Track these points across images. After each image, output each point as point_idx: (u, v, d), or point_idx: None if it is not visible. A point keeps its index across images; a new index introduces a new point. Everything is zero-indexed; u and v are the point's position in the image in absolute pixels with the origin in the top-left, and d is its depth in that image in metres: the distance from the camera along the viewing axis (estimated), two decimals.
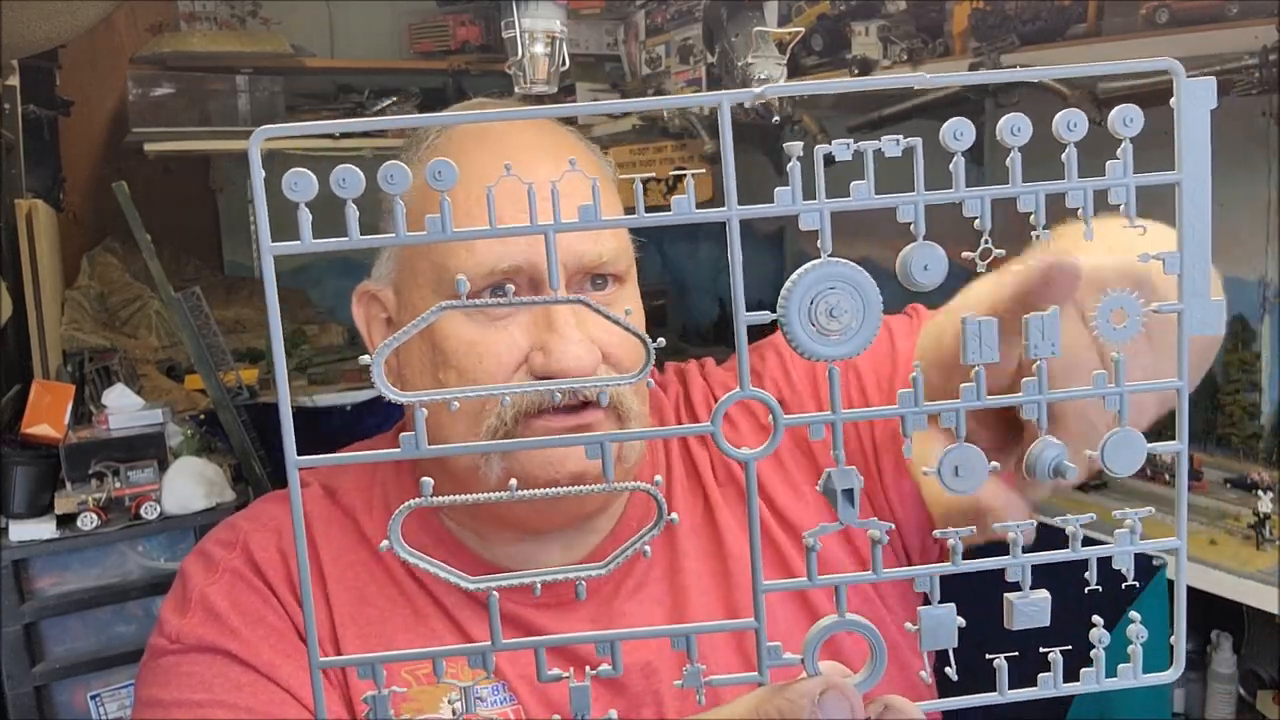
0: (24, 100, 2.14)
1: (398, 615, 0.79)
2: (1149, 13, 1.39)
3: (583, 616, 0.81)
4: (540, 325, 0.75)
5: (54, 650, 1.61)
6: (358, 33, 2.91)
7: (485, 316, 0.75)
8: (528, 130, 0.82)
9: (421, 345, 0.78)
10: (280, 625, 0.78)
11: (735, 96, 0.41)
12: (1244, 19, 1.30)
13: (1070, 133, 0.40)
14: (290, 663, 0.75)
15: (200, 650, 0.77)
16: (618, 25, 2.55)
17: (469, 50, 2.77)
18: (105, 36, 2.64)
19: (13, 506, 1.58)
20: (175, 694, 0.75)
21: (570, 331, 0.74)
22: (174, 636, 0.79)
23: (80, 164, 2.67)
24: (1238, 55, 1.29)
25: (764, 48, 1.39)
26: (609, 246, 0.77)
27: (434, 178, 0.41)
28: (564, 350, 0.73)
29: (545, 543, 0.82)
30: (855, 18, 1.86)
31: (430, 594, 0.80)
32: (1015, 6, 1.59)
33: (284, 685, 0.74)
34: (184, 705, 0.74)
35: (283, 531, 0.82)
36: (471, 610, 0.79)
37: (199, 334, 1.91)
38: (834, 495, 0.43)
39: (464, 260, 0.74)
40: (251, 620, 0.77)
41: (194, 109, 2.47)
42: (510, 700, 0.78)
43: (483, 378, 0.75)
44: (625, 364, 0.77)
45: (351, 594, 0.80)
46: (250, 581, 0.80)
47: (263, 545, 0.82)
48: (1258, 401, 1.66)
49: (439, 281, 0.77)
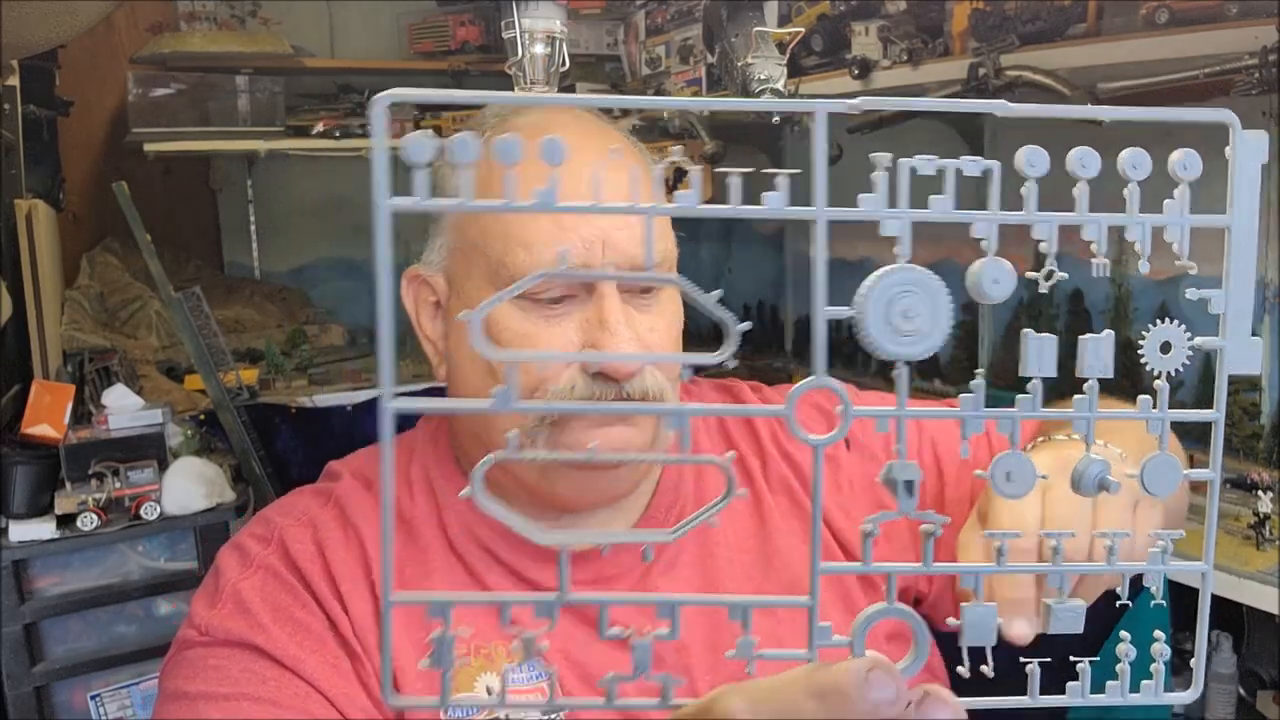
0: (24, 100, 2.14)
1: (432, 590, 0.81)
2: (1149, 13, 1.39)
3: (618, 591, 0.84)
4: (593, 323, 0.78)
5: (54, 650, 1.61)
6: (357, 33, 2.91)
7: (540, 311, 0.79)
8: (580, 125, 0.85)
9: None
10: (309, 621, 0.79)
11: (831, 106, 0.43)
12: (1244, 19, 1.30)
13: (1134, 172, 0.44)
14: (316, 659, 0.76)
15: (228, 644, 0.77)
16: (618, 25, 2.55)
17: (469, 50, 2.77)
18: (105, 37, 2.64)
19: (13, 507, 1.58)
20: (201, 686, 0.76)
21: (621, 330, 0.77)
22: (203, 629, 0.79)
23: (80, 164, 2.67)
24: (1237, 55, 1.29)
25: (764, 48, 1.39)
26: (658, 248, 0.81)
27: (545, 155, 0.44)
28: (615, 347, 0.76)
29: (581, 521, 0.86)
30: (855, 18, 1.86)
31: (469, 570, 0.83)
32: (1015, 6, 1.59)
33: (309, 680, 0.75)
34: (210, 698, 0.75)
35: (318, 525, 0.84)
36: (511, 584, 0.83)
37: (199, 334, 1.91)
38: (894, 485, 0.44)
39: (522, 259, 0.78)
40: (281, 617, 0.78)
41: (194, 109, 2.47)
42: (547, 674, 0.80)
43: (536, 369, 0.78)
44: (666, 363, 0.81)
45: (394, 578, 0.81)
46: (283, 578, 0.81)
47: (298, 539, 0.83)
48: (1257, 401, 1.66)
49: (494, 275, 0.80)
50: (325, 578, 0.81)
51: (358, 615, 0.79)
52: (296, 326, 2.72)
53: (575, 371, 0.78)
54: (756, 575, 0.88)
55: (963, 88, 1.65)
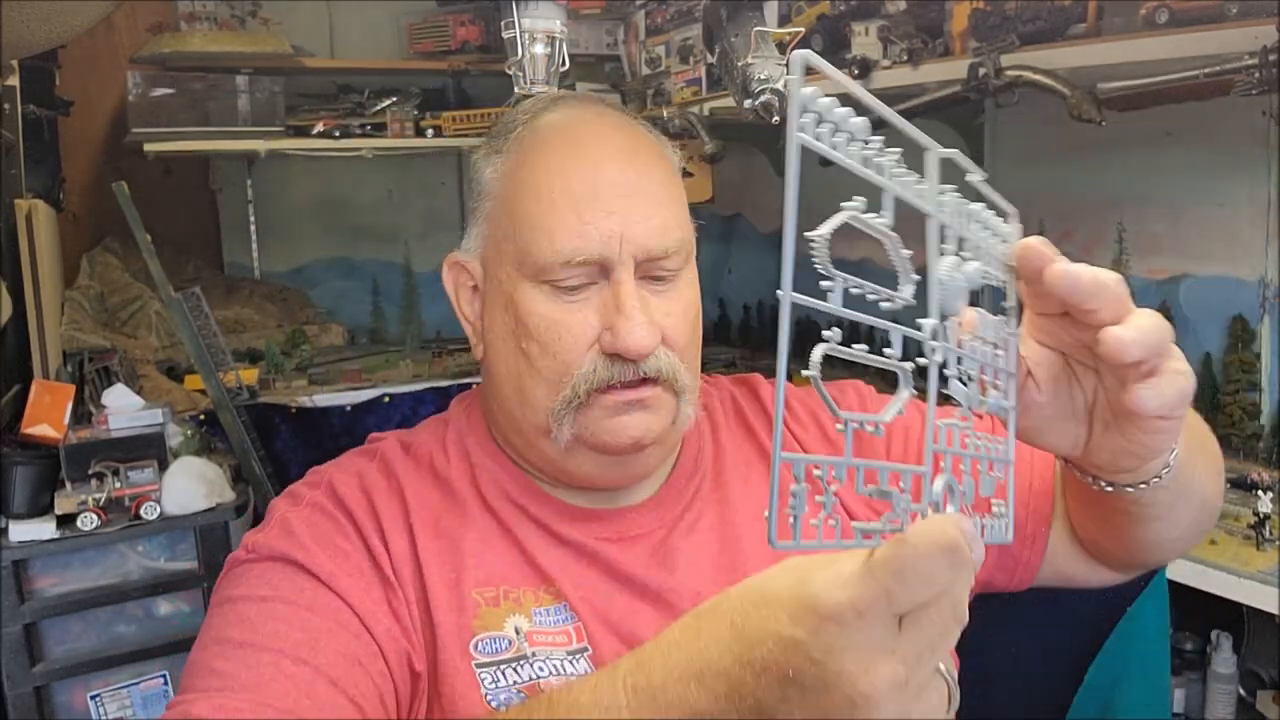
0: (24, 100, 2.14)
1: (467, 541, 0.89)
2: (1149, 13, 1.39)
3: (640, 551, 0.91)
4: (610, 308, 0.85)
5: (54, 650, 1.61)
6: (358, 33, 2.91)
7: (563, 297, 0.86)
8: (603, 126, 0.91)
9: (506, 318, 0.89)
10: (348, 549, 0.85)
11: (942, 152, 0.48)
12: (1244, 19, 1.30)
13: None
14: (350, 579, 0.83)
15: (272, 559, 0.84)
16: (618, 25, 2.55)
17: (469, 50, 2.77)
18: (105, 37, 2.64)
19: (13, 506, 1.58)
20: (244, 590, 0.82)
21: (635, 314, 0.84)
22: (250, 547, 0.86)
23: (80, 164, 2.67)
24: (1237, 55, 1.29)
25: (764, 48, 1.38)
26: (674, 239, 0.87)
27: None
28: (629, 331, 0.83)
29: (604, 495, 0.93)
30: (855, 18, 1.86)
31: (501, 524, 0.91)
32: (1015, 6, 1.59)
33: (342, 595, 0.81)
34: (250, 600, 0.81)
35: (363, 474, 0.92)
36: (540, 539, 0.90)
37: (199, 334, 1.91)
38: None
39: (545, 249, 0.85)
40: (323, 541, 0.85)
41: (194, 109, 2.47)
42: (572, 619, 0.86)
43: (561, 352, 0.86)
44: (680, 343, 0.88)
45: (429, 528, 0.89)
46: (329, 512, 0.88)
47: (346, 482, 0.91)
48: (1258, 401, 1.66)
49: (521, 262, 0.87)
50: (370, 514, 0.88)
51: (396, 551, 0.86)
52: (296, 326, 2.72)
53: (596, 353, 0.85)
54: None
55: (963, 88, 1.65)
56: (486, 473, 0.94)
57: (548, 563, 0.89)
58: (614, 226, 0.84)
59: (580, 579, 0.89)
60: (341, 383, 2.30)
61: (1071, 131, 1.62)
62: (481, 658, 0.83)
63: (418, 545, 0.87)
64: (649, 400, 0.87)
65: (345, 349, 2.77)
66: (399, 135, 2.63)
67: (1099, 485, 0.75)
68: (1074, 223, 1.93)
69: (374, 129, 2.61)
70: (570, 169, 0.87)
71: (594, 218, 0.84)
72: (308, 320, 2.82)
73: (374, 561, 0.85)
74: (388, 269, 3.08)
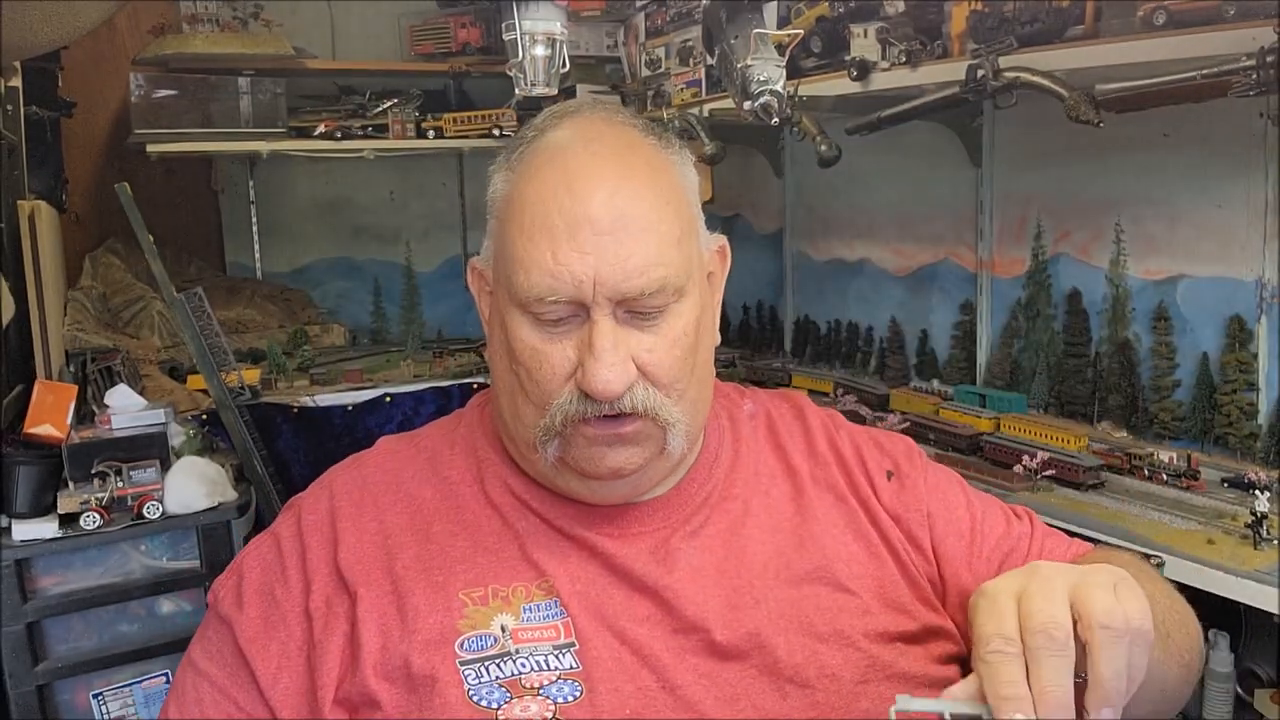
0: (26, 101, 2.15)
1: (458, 544, 0.91)
2: (1147, 14, 1.40)
3: (641, 547, 0.92)
4: (584, 346, 0.85)
5: (56, 649, 1.62)
6: (359, 34, 2.92)
7: (545, 328, 0.87)
8: (597, 153, 0.89)
9: (501, 335, 0.92)
10: (282, 598, 0.91)
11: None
12: (1242, 20, 1.30)
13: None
14: (268, 638, 0.89)
15: (218, 619, 0.93)
16: (618, 27, 2.56)
17: (470, 52, 2.77)
18: (107, 38, 2.65)
19: (15, 506, 1.59)
20: (196, 654, 0.94)
21: (605, 356, 0.84)
22: (213, 597, 0.95)
23: (82, 165, 2.68)
24: (1235, 56, 1.30)
25: (763, 50, 1.39)
26: (655, 277, 0.85)
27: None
28: (595, 373, 0.84)
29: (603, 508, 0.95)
30: (854, 19, 1.87)
31: (503, 517, 0.93)
32: (1013, 8, 1.60)
33: (252, 668, 0.89)
34: (193, 670, 0.92)
35: (337, 493, 0.96)
36: (541, 532, 0.92)
37: (201, 334, 1.92)
38: None
39: (522, 284, 0.86)
40: (262, 593, 0.92)
41: (196, 110, 2.48)
42: (561, 615, 0.87)
43: (543, 380, 0.87)
44: (664, 378, 0.87)
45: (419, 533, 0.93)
46: (282, 551, 0.93)
47: (313, 508, 0.96)
48: (1255, 401, 1.66)
49: (509, 288, 0.89)
50: (327, 541, 0.92)
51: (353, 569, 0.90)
52: (298, 326, 2.73)
53: (572, 387, 0.86)
54: (788, 551, 0.94)
55: (961, 90, 1.65)
56: (492, 469, 0.96)
57: (545, 557, 0.90)
58: (586, 270, 0.83)
59: (578, 573, 0.90)
60: (343, 383, 2.30)
61: (1070, 133, 1.63)
62: (466, 655, 0.85)
63: (396, 561, 0.90)
64: (629, 435, 0.87)
65: (347, 349, 2.77)
66: (400, 136, 2.64)
67: None
68: (1072, 224, 1.94)
69: (375, 130, 2.62)
70: (552, 202, 0.86)
71: (567, 259, 0.84)
72: (309, 320, 2.82)
73: (305, 606, 0.90)
74: (389, 269, 3.09)
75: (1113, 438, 1.83)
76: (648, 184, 0.89)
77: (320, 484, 1.00)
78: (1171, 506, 1.53)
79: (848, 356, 2.52)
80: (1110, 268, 1.87)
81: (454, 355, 2.59)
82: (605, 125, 0.93)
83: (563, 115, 0.95)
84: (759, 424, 1.05)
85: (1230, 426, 1.68)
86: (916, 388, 2.30)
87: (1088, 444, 1.78)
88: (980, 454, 1.84)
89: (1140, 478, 1.64)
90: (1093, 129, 1.52)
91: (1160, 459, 1.63)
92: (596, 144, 0.90)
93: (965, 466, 1.79)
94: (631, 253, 0.84)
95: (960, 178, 2.13)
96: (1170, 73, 1.40)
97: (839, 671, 0.87)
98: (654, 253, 0.85)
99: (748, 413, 1.06)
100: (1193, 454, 1.66)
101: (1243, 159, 1.64)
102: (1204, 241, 1.73)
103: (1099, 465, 1.66)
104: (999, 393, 2.04)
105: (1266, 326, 1.64)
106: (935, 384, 2.27)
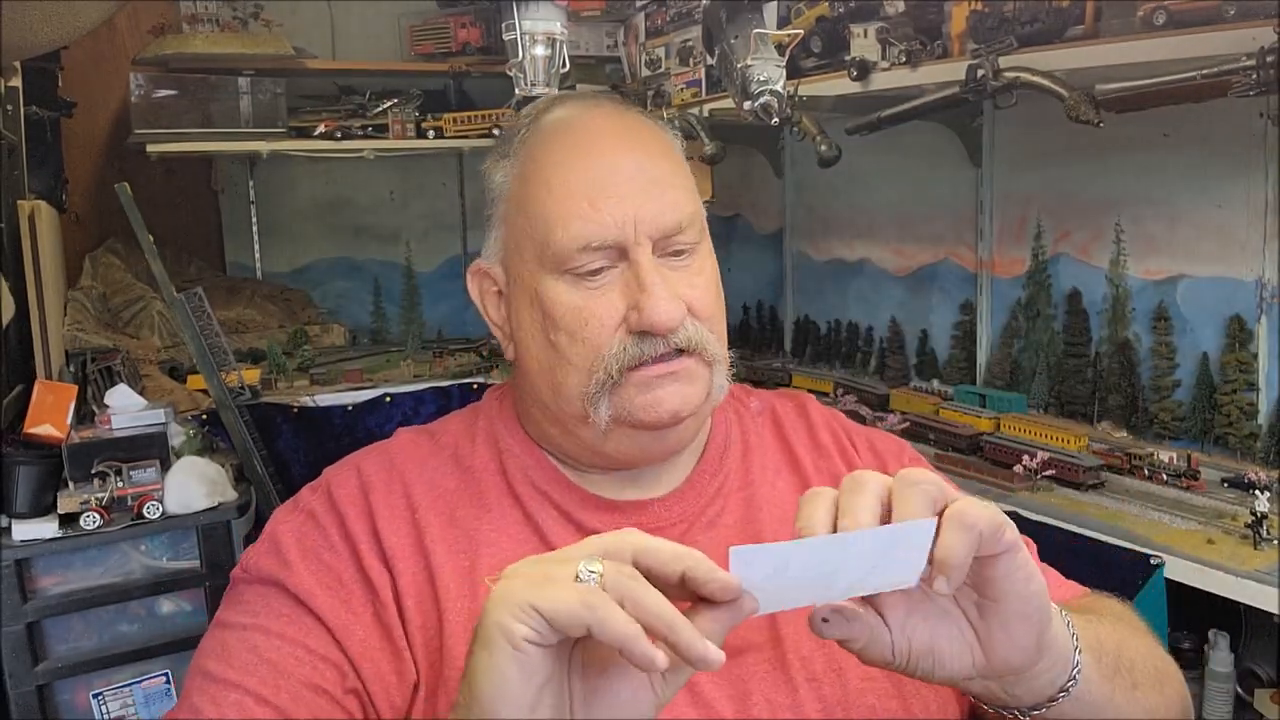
0: (26, 101, 2.15)
1: (483, 529, 0.91)
2: (1147, 14, 1.40)
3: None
4: (633, 287, 0.87)
5: (56, 649, 1.62)
6: (359, 34, 2.92)
7: (585, 284, 0.88)
8: (604, 118, 0.94)
9: (533, 313, 0.91)
10: (331, 560, 0.89)
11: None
12: (1241, 20, 1.30)
13: None
14: (329, 594, 0.86)
15: (260, 581, 0.89)
16: (618, 27, 2.56)
17: (469, 52, 2.78)
18: (107, 38, 2.65)
19: (15, 506, 1.59)
20: (231, 616, 0.88)
21: (659, 290, 0.86)
22: (244, 566, 0.91)
23: (82, 165, 2.68)
24: (1235, 56, 1.30)
25: (763, 50, 1.39)
26: (686, 212, 0.90)
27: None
28: (654, 306, 0.85)
29: (638, 477, 0.95)
30: (854, 19, 1.87)
31: (524, 510, 0.93)
32: (1013, 8, 1.60)
33: (319, 614, 0.85)
34: (234, 627, 0.86)
35: (364, 471, 0.95)
36: (561, 526, 0.92)
37: (201, 334, 1.92)
38: None
39: (561, 238, 0.88)
40: (308, 555, 0.89)
41: (196, 110, 2.48)
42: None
43: (590, 337, 0.88)
44: (706, 313, 0.90)
45: (442, 517, 0.92)
46: (320, 520, 0.91)
47: (343, 483, 0.94)
48: (1255, 401, 1.66)
49: (541, 255, 0.90)
50: (363, 514, 0.91)
51: (393, 545, 0.89)
52: (298, 326, 2.73)
53: (623, 334, 0.87)
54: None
55: (961, 90, 1.65)
56: (514, 460, 0.96)
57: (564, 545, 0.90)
58: (626, 210, 0.87)
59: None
60: (343, 383, 2.31)
61: (1070, 133, 1.63)
62: None
63: (425, 536, 0.90)
64: (682, 372, 0.89)
65: (347, 349, 2.77)
66: (400, 136, 2.64)
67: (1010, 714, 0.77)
68: (1072, 224, 1.94)
69: (375, 130, 2.62)
70: (577, 161, 0.90)
71: (605, 204, 0.87)
72: (309, 320, 2.83)
73: (359, 568, 0.88)
74: (389, 269, 3.09)
75: (1113, 438, 1.84)
76: (659, 141, 0.95)
77: (345, 464, 0.98)
78: (1171, 506, 1.53)
79: (848, 356, 2.52)
80: (1110, 268, 1.87)
81: (454, 355, 2.59)
82: (597, 101, 0.99)
83: (553, 101, 0.99)
84: (765, 419, 1.07)
85: (1230, 426, 1.69)
86: (916, 388, 2.30)
87: (1088, 444, 1.78)
88: (980, 454, 1.84)
89: (1140, 478, 1.64)
90: (1093, 129, 1.52)
91: (1160, 459, 1.63)
92: (600, 112, 0.95)
93: (965, 466, 1.79)
94: (662, 192, 0.89)
95: (960, 178, 2.13)
96: (1170, 73, 1.40)
97: (844, 664, 0.87)
98: (681, 194, 0.91)
99: (754, 409, 1.07)
100: (1193, 454, 1.66)
101: (1243, 159, 1.64)
102: (1204, 241, 1.73)
103: (1099, 465, 1.66)
104: (999, 393, 2.04)
105: (1266, 326, 1.64)
106: (935, 384, 2.27)
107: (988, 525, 0.67)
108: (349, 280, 3.07)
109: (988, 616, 0.71)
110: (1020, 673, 0.73)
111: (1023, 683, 0.74)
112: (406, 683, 0.85)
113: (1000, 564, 0.69)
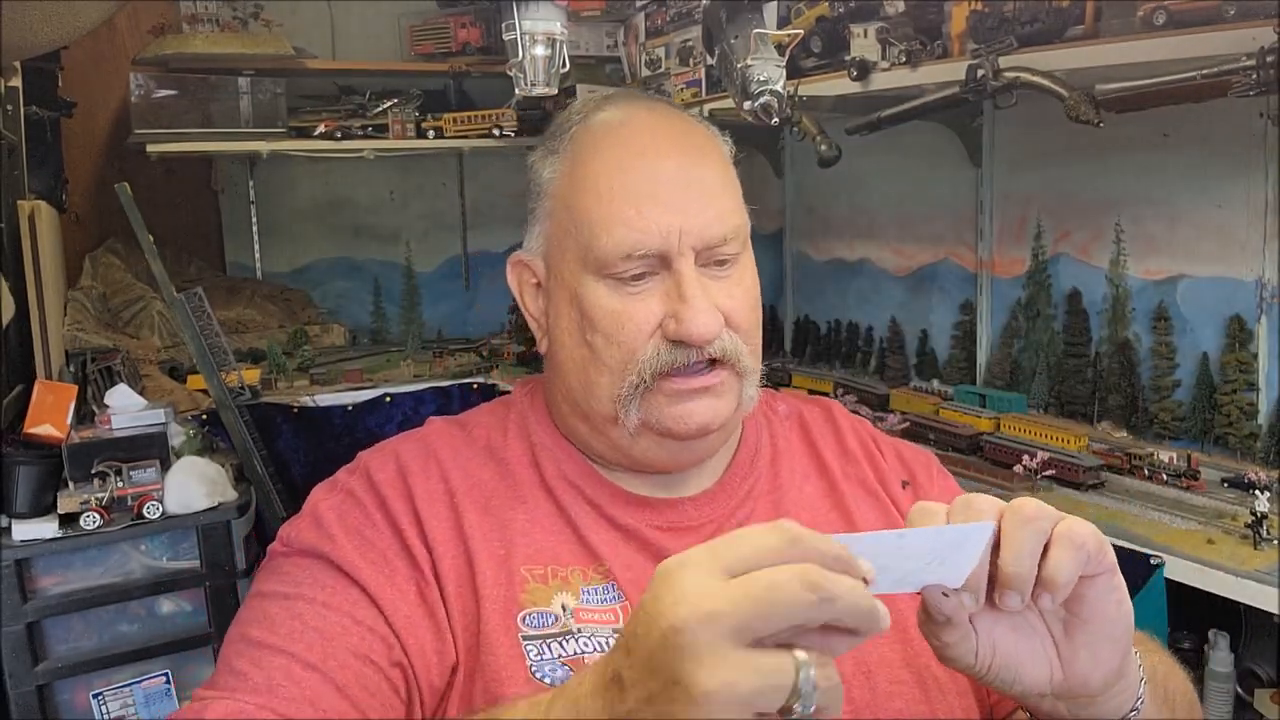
0: (26, 101, 2.15)
1: (517, 519, 0.91)
2: (1147, 14, 1.40)
3: (692, 542, 0.92)
4: (673, 296, 0.88)
5: (56, 649, 1.62)
6: (359, 34, 2.92)
7: (625, 289, 0.89)
8: (656, 121, 0.95)
9: (571, 312, 0.92)
10: (374, 537, 0.89)
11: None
12: (1242, 20, 1.30)
13: None
14: (374, 570, 0.86)
15: (302, 553, 0.89)
16: (618, 27, 2.55)
17: (469, 52, 2.78)
18: (107, 38, 2.65)
19: (15, 506, 1.59)
20: (273, 586, 0.87)
21: (698, 301, 0.87)
22: (285, 540, 0.91)
23: (82, 165, 2.68)
24: (1235, 56, 1.30)
25: (763, 50, 1.39)
26: (731, 224, 0.91)
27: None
28: (692, 317, 0.86)
29: (671, 481, 0.96)
30: (854, 19, 1.87)
31: (557, 503, 0.93)
32: (1013, 8, 1.60)
33: (362, 585, 0.85)
34: (276, 596, 0.86)
35: (402, 456, 0.95)
36: (593, 520, 0.92)
37: (201, 334, 1.92)
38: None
39: (605, 244, 0.88)
40: (351, 531, 0.89)
41: (196, 110, 2.48)
42: (619, 598, 0.88)
43: (625, 340, 0.88)
44: (744, 325, 0.92)
45: (477, 505, 0.92)
46: (360, 499, 0.91)
47: (381, 466, 0.95)
48: (1255, 401, 1.66)
49: (584, 257, 0.90)
50: (403, 496, 0.91)
51: (433, 529, 0.89)
52: (298, 326, 2.73)
53: (659, 340, 0.88)
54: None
55: (961, 90, 1.65)
56: (547, 453, 0.96)
57: (599, 543, 0.91)
58: (672, 220, 0.88)
59: (630, 561, 0.90)
60: (343, 383, 2.30)
61: (1070, 133, 1.63)
62: (529, 630, 0.85)
63: (463, 521, 0.90)
64: (715, 387, 0.90)
65: (347, 349, 2.77)
66: (400, 136, 2.64)
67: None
68: (1072, 224, 1.94)
69: (375, 130, 2.62)
70: (626, 165, 0.91)
71: (652, 213, 0.88)
72: (309, 320, 2.82)
73: (403, 546, 0.88)
74: (389, 269, 3.09)
75: (1113, 438, 1.83)
76: (709, 145, 0.96)
77: (381, 449, 0.98)
78: (1171, 506, 1.53)
79: (848, 356, 2.52)
80: (1110, 268, 1.87)
81: (454, 355, 2.59)
82: (650, 104, 0.99)
83: (604, 99, 1.00)
84: (792, 424, 1.07)
85: (1230, 426, 1.69)
86: (916, 388, 2.30)
87: (1088, 444, 1.78)
88: (980, 454, 1.84)
89: (1140, 478, 1.64)
90: (1093, 129, 1.52)
91: (1160, 459, 1.63)
92: (653, 115, 0.96)
93: (965, 466, 1.79)
94: (710, 203, 0.90)
95: (960, 178, 2.13)
96: (1170, 73, 1.40)
97: (873, 668, 0.87)
98: (728, 204, 0.92)
99: (782, 413, 1.08)
100: (1193, 454, 1.66)
101: (1243, 159, 1.64)
102: (1204, 241, 1.73)
103: (1099, 465, 1.66)
104: (999, 393, 2.04)
105: (1266, 326, 1.64)
106: (935, 384, 2.27)
107: (1095, 545, 0.67)
108: (349, 280, 3.06)
109: (1073, 635, 0.71)
110: (1095, 695, 0.73)
111: (1093, 706, 0.73)
112: (446, 663, 0.85)
113: (1098, 584, 0.69)
